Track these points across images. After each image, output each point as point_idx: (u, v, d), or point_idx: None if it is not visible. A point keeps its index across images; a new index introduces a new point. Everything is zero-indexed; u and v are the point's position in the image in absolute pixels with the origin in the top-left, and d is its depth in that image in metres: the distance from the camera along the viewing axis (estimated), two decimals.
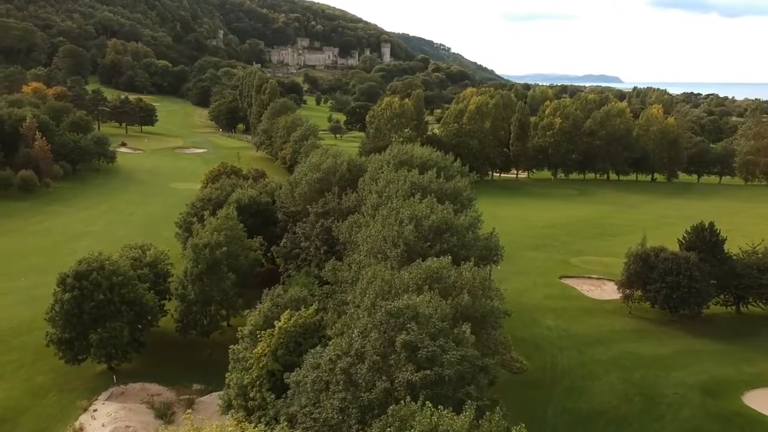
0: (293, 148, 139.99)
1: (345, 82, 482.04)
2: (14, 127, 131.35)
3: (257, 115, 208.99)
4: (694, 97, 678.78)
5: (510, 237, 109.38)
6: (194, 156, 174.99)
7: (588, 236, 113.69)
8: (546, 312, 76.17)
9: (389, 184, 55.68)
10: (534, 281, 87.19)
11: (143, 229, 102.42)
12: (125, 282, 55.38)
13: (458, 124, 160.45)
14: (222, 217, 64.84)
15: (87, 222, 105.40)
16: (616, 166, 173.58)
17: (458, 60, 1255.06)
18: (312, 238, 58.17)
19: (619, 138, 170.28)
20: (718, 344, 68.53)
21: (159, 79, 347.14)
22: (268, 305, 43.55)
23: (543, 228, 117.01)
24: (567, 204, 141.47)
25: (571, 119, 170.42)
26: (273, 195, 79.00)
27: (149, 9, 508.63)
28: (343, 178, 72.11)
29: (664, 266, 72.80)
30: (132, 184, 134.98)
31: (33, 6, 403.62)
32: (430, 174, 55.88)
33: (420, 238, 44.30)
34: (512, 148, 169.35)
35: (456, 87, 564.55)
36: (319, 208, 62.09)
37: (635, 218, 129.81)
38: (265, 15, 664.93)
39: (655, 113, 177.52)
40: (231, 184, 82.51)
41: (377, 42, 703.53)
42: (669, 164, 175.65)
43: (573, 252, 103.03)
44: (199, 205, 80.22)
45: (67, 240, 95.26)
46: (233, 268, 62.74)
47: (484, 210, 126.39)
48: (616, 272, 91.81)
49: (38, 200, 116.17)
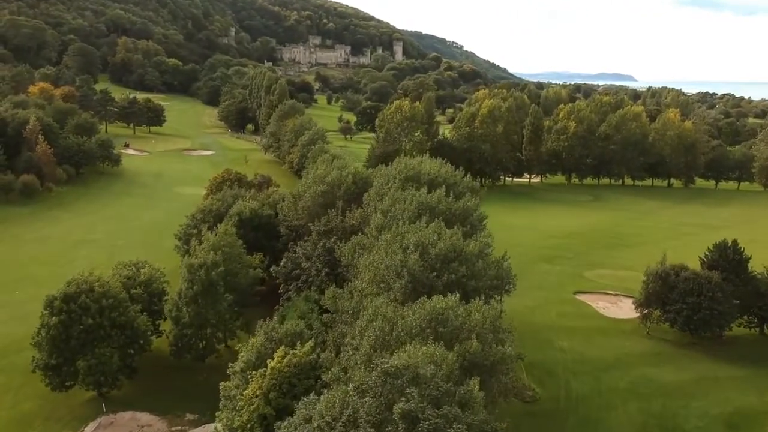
0: (301, 152, 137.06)
1: (356, 81, 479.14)
2: (17, 130, 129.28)
3: (266, 116, 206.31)
4: (710, 97, 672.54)
5: (522, 248, 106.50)
6: (201, 158, 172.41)
7: (603, 246, 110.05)
8: (560, 332, 72.79)
9: (395, 203, 52.55)
10: (547, 297, 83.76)
11: (144, 237, 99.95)
12: (116, 305, 52.55)
13: (470, 127, 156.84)
14: (220, 233, 61.98)
15: (88, 229, 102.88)
16: (632, 172, 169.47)
17: (471, 58, 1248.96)
18: (313, 259, 55.13)
19: (634, 143, 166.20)
20: (741, 370, 64.95)
21: (169, 78, 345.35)
22: (261, 339, 40.52)
23: (556, 238, 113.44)
24: (581, 211, 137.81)
25: (585, 123, 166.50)
26: (276, 207, 75.92)
27: (161, 7, 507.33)
28: (348, 192, 69.09)
29: (685, 286, 69.28)
30: (136, 188, 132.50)
31: (44, 3, 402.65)
32: (439, 193, 52.66)
33: (426, 268, 41.16)
34: (525, 152, 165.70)
35: (468, 86, 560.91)
36: (321, 227, 59.05)
37: (651, 226, 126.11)
38: (277, 13, 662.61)
39: (671, 117, 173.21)
40: (233, 194, 79.59)
41: (389, 40, 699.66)
42: (686, 169, 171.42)
43: (587, 264, 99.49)
44: (199, 217, 77.44)
45: (67, 248, 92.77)
46: (232, 287, 59.99)
47: (496, 218, 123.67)
48: (632, 287, 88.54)
49: (40, 205, 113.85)
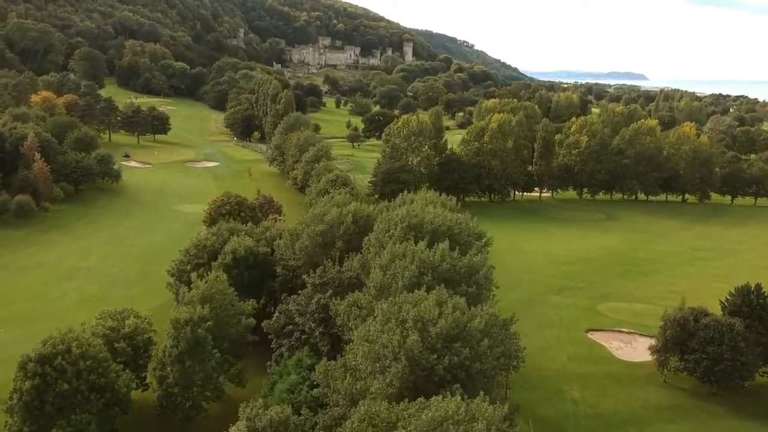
0: (304, 169, 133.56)
1: (366, 83, 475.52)
2: (15, 145, 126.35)
3: (272, 125, 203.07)
4: (723, 99, 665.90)
5: (532, 275, 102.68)
6: (205, 171, 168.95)
7: (616, 275, 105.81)
8: (571, 380, 68.76)
9: (395, 258, 48.71)
10: (558, 337, 79.72)
11: (140, 265, 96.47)
12: (95, 366, 48.95)
13: (479, 142, 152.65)
14: (211, 280, 58.37)
15: (82, 254, 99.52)
16: (645, 187, 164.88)
17: (482, 57, 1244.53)
18: (307, 316, 51.41)
19: (648, 157, 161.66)
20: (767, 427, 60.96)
21: (176, 82, 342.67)
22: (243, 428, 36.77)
23: (567, 264, 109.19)
24: (593, 232, 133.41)
25: (598, 137, 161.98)
26: (273, 244, 72.21)
27: (169, 8, 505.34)
28: (348, 231, 65.32)
29: (705, 334, 65.13)
30: (135, 207, 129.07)
31: (52, 5, 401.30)
32: (442, 248, 48.75)
33: (426, 349, 37.35)
34: (536, 167, 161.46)
35: (479, 88, 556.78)
36: (316, 278, 55.27)
37: (666, 251, 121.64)
38: (287, 13, 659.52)
39: (687, 131, 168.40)
40: (228, 229, 75.89)
41: (399, 41, 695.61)
42: (701, 184, 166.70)
43: (600, 296, 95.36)
44: (193, 252, 73.89)
45: (58, 279, 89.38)
46: (223, 338, 56.47)
47: (506, 240, 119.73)
48: (647, 323, 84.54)
49: (34, 227, 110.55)
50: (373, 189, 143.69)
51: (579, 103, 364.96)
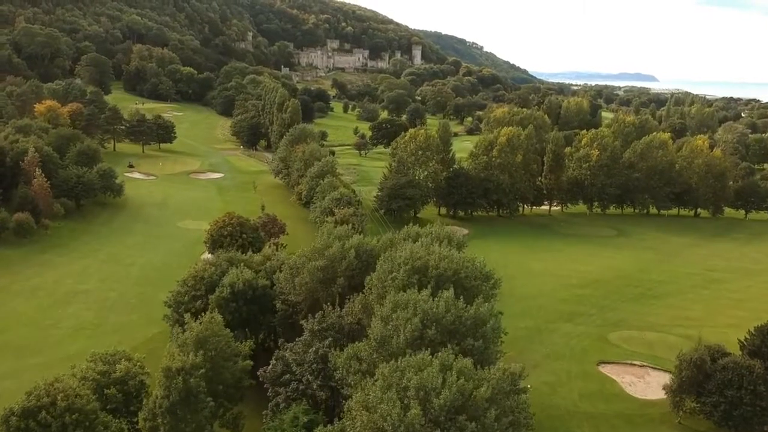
0: (309, 185, 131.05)
1: (374, 87, 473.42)
2: (16, 160, 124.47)
3: (278, 134, 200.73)
4: (734, 102, 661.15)
5: (542, 300, 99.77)
6: (209, 183, 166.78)
7: (627, 298, 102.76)
8: (582, 421, 65.98)
9: (397, 308, 46.11)
10: (568, 370, 76.85)
11: (139, 288, 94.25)
12: (81, 419, 46.54)
13: (488, 156, 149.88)
14: (205, 321, 55.91)
15: (80, 277, 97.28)
16: (657, 201, 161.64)
17: (490, 59, 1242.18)
18: (305, 366, 48.85)
19: (660, 171, 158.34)
20: None
21: (183, 86, 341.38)
22: None
23: (578, 287, 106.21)
24: (604, 250, 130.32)
25: (609, 150, 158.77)
26: (273, 276, 69.70)
27: (178, 11, 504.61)
28: (351, 267, 62.84)
29: (723, 377, 62.21)
30: (137, 223, 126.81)
31: (60, 9, 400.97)
32: (447, 297, 46.11)
33: (429, 422, 34.74)
34: (545, 180, 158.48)
35: (488, 91, 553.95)
36: (315, 324, 52.69)
37: (679, 272, 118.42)
38: (295, 16, 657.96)
39: (699, 144, 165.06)
40: (227, 258, 73.41)
41: (408, 44, 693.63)
42: (714, 199, 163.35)
43: (612, 323, 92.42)
44: (191, 284, 71.44)
45: (55, 304, 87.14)
46: (218, 381, 54.07)
47: (514, 261, 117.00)
48: (660, 355, 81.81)
49: (33, 246, 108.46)
50: (379, 204, 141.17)
51: (589, 109, 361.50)
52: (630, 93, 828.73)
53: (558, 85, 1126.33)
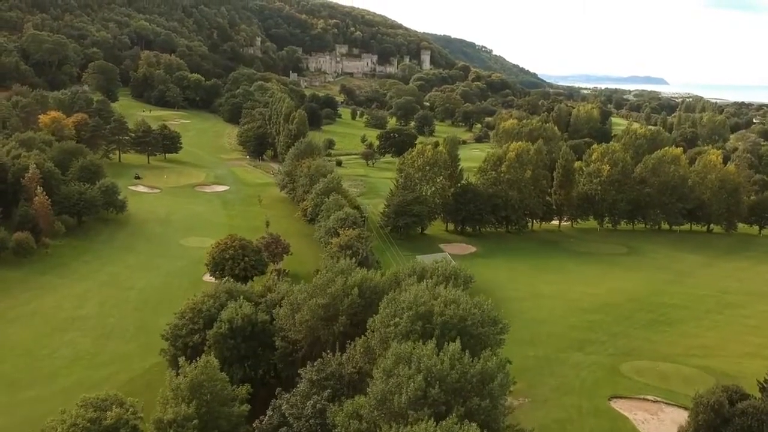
0: (314, 202, 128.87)
1: (382, 93, 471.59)
2: (17, 177, 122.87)
3: (285, 145, 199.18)
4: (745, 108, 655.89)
5: (552, 327, 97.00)
6: (214, 197, 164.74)
7: (640, 325, 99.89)
8: None
9: (399, 362, 43.71)
10: (579, 407, 74.07)
11: (138, 313, 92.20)
12: None
13: (496, 171, 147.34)
14: (200, 366, 53.64)
15: (79, 301, 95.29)
16: (669, 217, 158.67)
17: (500, 62, 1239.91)
18: (302, 420, 46.48)
19: (672, 187, 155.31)
20: None
21: (191, 94, 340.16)
22: None
23: (588, 312, 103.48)
24: (615, 270, 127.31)
25: (620, 165, 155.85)
26: (273, 311, 67.39)
27: (186, 17, 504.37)
28: (354, 305, 60.50)
29: (742, 422, 59.30)
30: (139, 241, 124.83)
31: (69, 15, 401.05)
32: (452, 351, 43.65)
33: None
34: (555, 196, 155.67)
35: (497, 97, 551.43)
36: (313, 374, 50.31)
37: (692, 294, 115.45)
38: (304, 21, 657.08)
39: (713, 159, 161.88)
40: (227, 290, 71.11)
41: (417, 49, 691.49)
42: (727, 215, 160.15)
43: (624, 352, 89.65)
44: (188, 317, 69.23)
45: (52, 332, 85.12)
46: (212, 427, 51.83)
47: (523, 282, 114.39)
48: (674, 388, 79.11)
49: (33, 267, 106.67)
50: (385, 221, 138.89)
51: (599, 117, 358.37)
52: (640, 98, 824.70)
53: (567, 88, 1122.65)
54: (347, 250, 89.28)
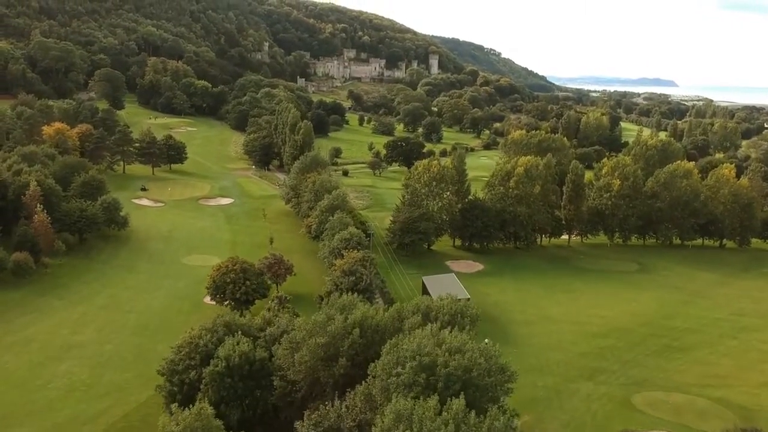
0: (319, 219, 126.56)
1: (390, 99, 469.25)
2: (18, 194, 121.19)
3: (290, 155, 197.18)
4: (756, 112, 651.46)
5: (561, 354, 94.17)
6: (218, 211, 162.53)
7: (652, 351, 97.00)
8: None
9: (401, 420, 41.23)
10: None
11: (137, 339, 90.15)
12: None
13: (504, 187, 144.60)
14: (194, 413, 51.45)
15: (77, 325, 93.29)
16: (681, 232, 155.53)
17: (508, 65, 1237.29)
18: None
19: (684, 202, 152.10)
20: None
21: (198, 100, 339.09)
22: None
23: (599, 337, 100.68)
24: (625, 289, 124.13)
25: (631, 179, 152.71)
26: (272, 347, 65.01)
27: (194, 22, 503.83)
28: (355, 344, 58.10)
29: None
30: (141, 260, 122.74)
31: (76, 21, 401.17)
32: (456, 409, 41.15)
33: None
34: (564, 211, 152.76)
35: (506, 102, 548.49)
36: (311, 427, 47.92)
37: (706, 317, 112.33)
38: (312, 25, 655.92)
39: (726, 173, 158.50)
40: (225, 324, 68.71)
41: (425, 53, 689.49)
42: (741, 230, 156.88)
43: (635, 381, 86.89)
44: (185, 352, 66.91)
45: (47, 360, 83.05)
46: None
47: (531, 303, 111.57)
48: (688, 423, 76.37)
49: (32, 288, 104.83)
50: (391, 238, 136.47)
51: (608, 124, 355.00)
52: (650, 102, 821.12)
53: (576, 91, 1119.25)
54: (350, 276, 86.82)
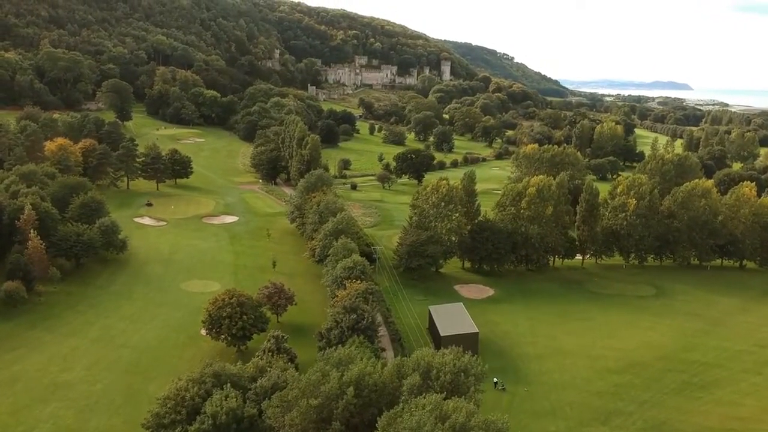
0: (323, 242, 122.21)
1: (401, 107, 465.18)
2: (12, 218, 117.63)
3: (297, 170, 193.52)
4: None
5: (574, 393, 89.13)
6: (221, 230, 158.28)
7: (670, 389, 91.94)
8: None
9: None
10: None
11: (128, 378, 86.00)
12: None
13: (515, 207, 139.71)
14: None
15: (66, 362, 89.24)
16: (700, 253, 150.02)
17: (521, 70, 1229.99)
18: None
19: (703, 223, 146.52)
20: None
21: (207, 110, 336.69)
22: None
23: (614, 372, 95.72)
24: (642, 318, 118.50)
25: (647, 199, 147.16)
26: (262, 402, 60.61)
27: (204, 30, 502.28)
28: (350, 406, 53.63)
29: None
30: (138, 286, 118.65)
31: (86, 31, 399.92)
32: None
33: None
34: (578, 231, 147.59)
35: (518, 108, 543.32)
36: None
37: (727, 349, 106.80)
38: (324, 32, 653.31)
39: (746, 192, 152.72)
40: (213, 375, 64.40)
41: (437, 59, 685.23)
42: (761, 250, 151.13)
43: (653, 425, 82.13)
44: (170, 405, 62.67)
45: (32, 402, 79.03)
46: None
47: (544, 336, 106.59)
48: None
49: (24, 318, 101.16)
50: (398, 261, 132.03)
51: (623, 134, 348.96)
52: (665, 107, 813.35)
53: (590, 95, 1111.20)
54: (351, 314, 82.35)
